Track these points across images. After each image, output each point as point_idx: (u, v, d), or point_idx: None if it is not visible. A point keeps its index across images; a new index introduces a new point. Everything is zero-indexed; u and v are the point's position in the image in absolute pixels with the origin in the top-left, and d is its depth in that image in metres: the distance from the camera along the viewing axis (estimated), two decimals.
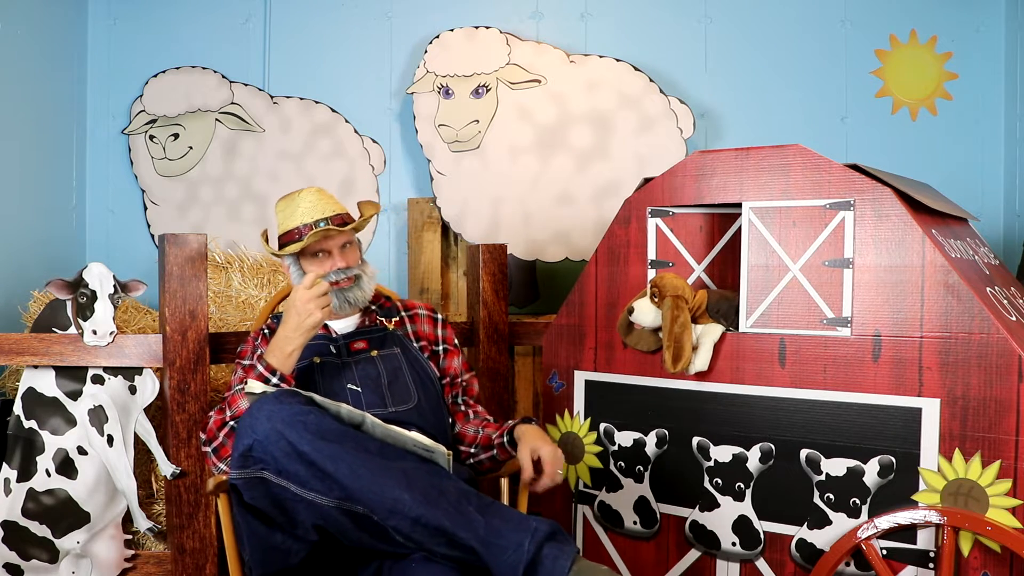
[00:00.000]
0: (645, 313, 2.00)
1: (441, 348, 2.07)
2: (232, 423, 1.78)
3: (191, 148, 3.28)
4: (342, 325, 2.01)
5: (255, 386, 1.69)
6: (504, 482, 1.94)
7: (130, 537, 2.25)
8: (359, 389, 1.88)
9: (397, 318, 2.07)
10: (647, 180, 2.15)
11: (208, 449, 1.80)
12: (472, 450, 1.96)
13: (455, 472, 1.67)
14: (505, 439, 1.88)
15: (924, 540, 1.76)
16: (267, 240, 2.01)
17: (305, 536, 1.58)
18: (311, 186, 2.00)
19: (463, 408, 2.05)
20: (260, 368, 1.77)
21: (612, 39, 3.26)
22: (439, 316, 2.11)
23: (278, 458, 1.53)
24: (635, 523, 2.15)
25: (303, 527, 1.57)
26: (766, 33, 3.26)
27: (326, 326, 1.99)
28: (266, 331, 2.00)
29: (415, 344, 2.03)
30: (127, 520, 2.24)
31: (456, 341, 2.11)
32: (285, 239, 1.95)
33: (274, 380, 1.75)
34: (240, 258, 3.04)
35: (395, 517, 1.50)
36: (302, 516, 1.55)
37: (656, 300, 1.98)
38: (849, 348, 1.84)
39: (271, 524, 1.59)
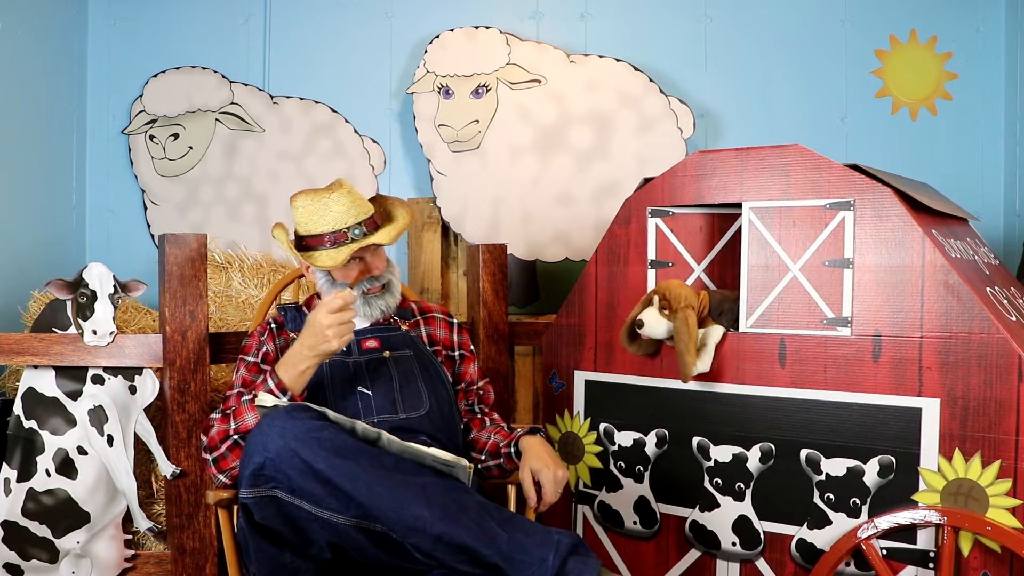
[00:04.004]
0: (655, 326, 1.96)
1: (457, 354, 2.03)
2: (236, 437, 1.71)
3: (191, 148, 3.28)
4: (356, 321, 1.90)
5: (265, 399, 1.62)
6: (511, 489, 1.90)
7: (130, 537, 2.25)
8: (370, 392, 1.84)
9: (412, 320, 2.02)
10: (647, 180, 2.15)
11: (209, 457, 1.75)
12: (482, 456, 1.93)
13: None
14: (512, 449, 1.86)
15: (924, 540, 1.76)
16: (287, 237, 1.92)
17: (318, 555, 1.55)
18: (340, 185, 1.87)
19: (479, 416, 2.01)
20: (271, 384, 1.72)
21: (612, 39, 3.26)
22: (455, 321, 2.06)
23: (292, 476, 1.48)
24: (635, 523, 2.15)
25: (316, 546, 1.53)
26: (766, 33, 3.25)
27: None
28: (272, 326, 1.94)
29: (429, 348, 1.98)
30: (127, 520, 2.24)
31: (472, 347, 2.06)
32: (312, 242, 1.86)
33: (283, 400, 1.69)
34: (240, 258, 3.04)
35: (415, 535, 1.47)
36: (316, 535, 1.52)
37: (666, 313, 1.96)
38: (849, 348, 1.84)
39: (280, 544, 1.56)
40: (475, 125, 3.14)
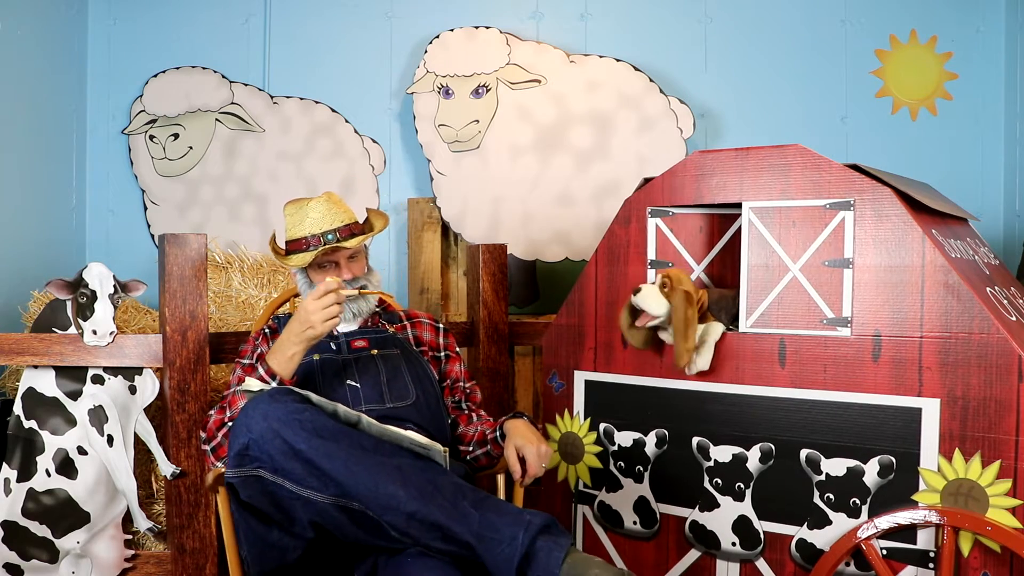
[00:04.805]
0: (651, 299, 1.96)
1: (443, 354, 2.10)
2: (231, 424, 1.78)
3: (191, 148, 3.28)
4: (345, 325, 2.03)
5: (252, 383, 1.69)
6: (500, 479, 1.95)
7: (130, 537, 2.25)
8: (358, 385, 1.90)
9: (400, 324, 2.10)
10: (647, 180, 2.15)
11: (207, 448, 1.83)
12: (470, 448, 1.98)
13: (451, 468, 1.67)
14: (497, 433, 1.91)
15: (924, 540, 1.76)
16: (275, 242, 2.03)
17: (302, 533, 1.59)
18: (323, 193, 2.00)
19: (466, 412, 2.07)
20: (261, 371, 1.80)
21: (612, 39, 3.26)
22: (441, 325, 2.14)
23: (274, 456, 1.53)
24: (635, 523, 2.15)
25: (300, 524, 1.57)
26: (766, 33, 3.26)
27: None
28: (267, 331, 2.02)
29: (416, 348, 2.05)
30: (127, 520, 2.24)
31: (457, 349, 2.13)
32: (292, 246, 1.97)
33: (273, 384, 1.77)
34: (240, 258, 3.04)
35: (390, 513, 1.51)
36: (299, 513, 1.56)
37: (666, 291, 1.97)
38: (849, 348, 1.84)
39: (268, 522, 1.60)
40: (475, 125, 3.14)
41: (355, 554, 1.64)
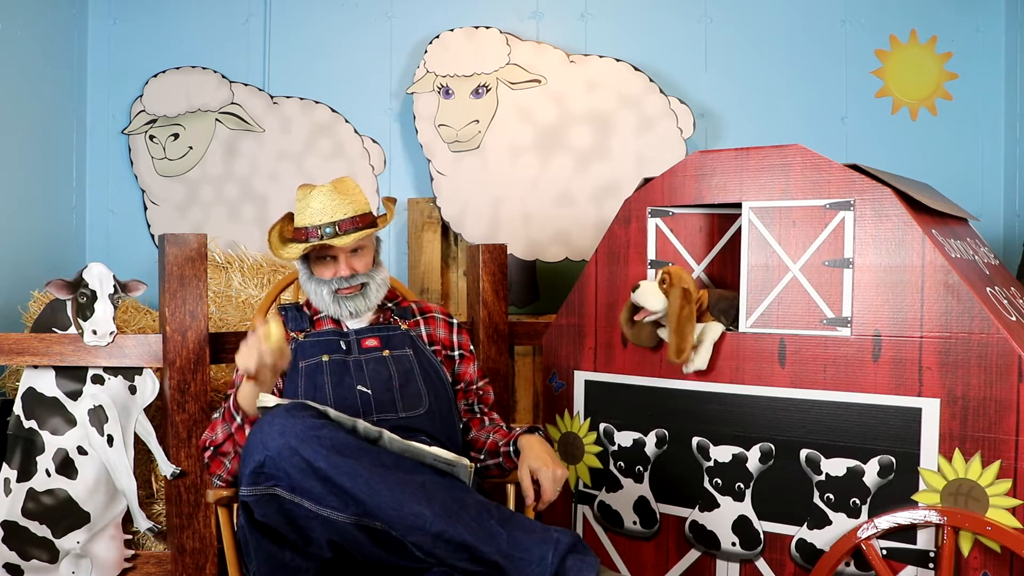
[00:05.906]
0: (650, 295, 1.97)
1: (457, 354, 2.03)
2: (212, 449, 1.75)
3: (191, 148, 3.28)
4: (355, 321, 1.96)
5: (267, 399, 1.61)
6: (511, 488, 1.90)
7: (130, 537, 2.25)
8: (369, 391, 1.85)
9: (412, 320, 2.03)
10: (647, 180, 2.15)
11: (207, 462, 1.80)
12: (481, 456, 1.93)
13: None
14: (511, 448, 1.86)
15: (924, 540, 1.76)
16: (273, 234, 1.96)
17: (318, 553, 1.55)
18: (333, 180, 1.92)
19: (479, 415, 2.01)
20: (230, 403, 1.72)
21: (612, 39, 3.26)
22: (455, 321, 2.06)
23: (292, 474, 1.48)
24: (635, 523, 2.15)
25: (316, 544, 1.53)
26: (766, 33, 3.26)
27: (337, 321, 1.96)
28: None
29: (428, 347, 1.99)
30: (127, 520, 2.24)
31: (472, 347, 2.06)
32: (297, 234, 1.91)
33: (284, 400, 1.66)
34: (240, 258, 3.04)
35: (415, 533, 1.47)
36: (316, 533, 1.52)
37: (664, 287, 1.97)
38: (849, 348, 1.84)
39: (281, 542, 1.56)
40: (475, 125, 3.14)
41: (373, 574, 1.60)
